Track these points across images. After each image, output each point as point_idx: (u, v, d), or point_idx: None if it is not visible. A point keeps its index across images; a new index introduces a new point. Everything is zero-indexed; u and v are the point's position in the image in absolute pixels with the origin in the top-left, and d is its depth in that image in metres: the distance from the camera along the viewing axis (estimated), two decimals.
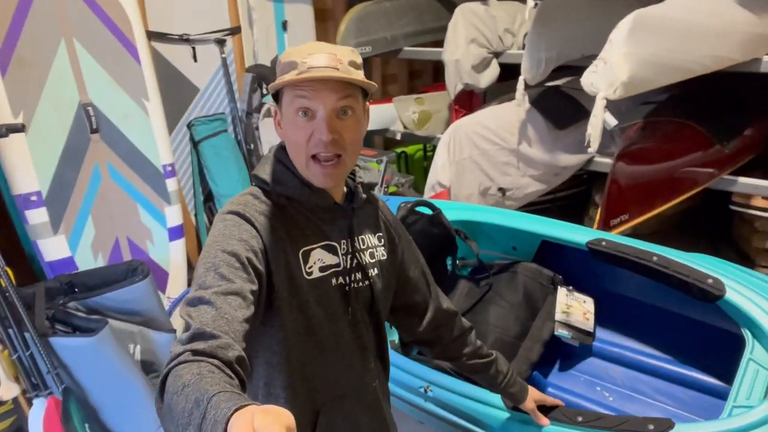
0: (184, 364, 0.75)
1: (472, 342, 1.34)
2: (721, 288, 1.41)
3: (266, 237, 0.99)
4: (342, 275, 1.09)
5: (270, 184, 1.05)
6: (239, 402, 0.64)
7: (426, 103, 4.29)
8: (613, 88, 2.30)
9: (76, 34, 2.64)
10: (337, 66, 0.97)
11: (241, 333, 0.85)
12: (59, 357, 2.20)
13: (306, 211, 1.06)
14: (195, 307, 0.86)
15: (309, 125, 0.99)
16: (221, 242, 0.95)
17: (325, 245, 1.07)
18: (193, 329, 0.81)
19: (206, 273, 0.91)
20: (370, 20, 4.13)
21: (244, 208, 1.01)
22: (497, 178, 3.38)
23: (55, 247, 2.60)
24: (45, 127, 2.54)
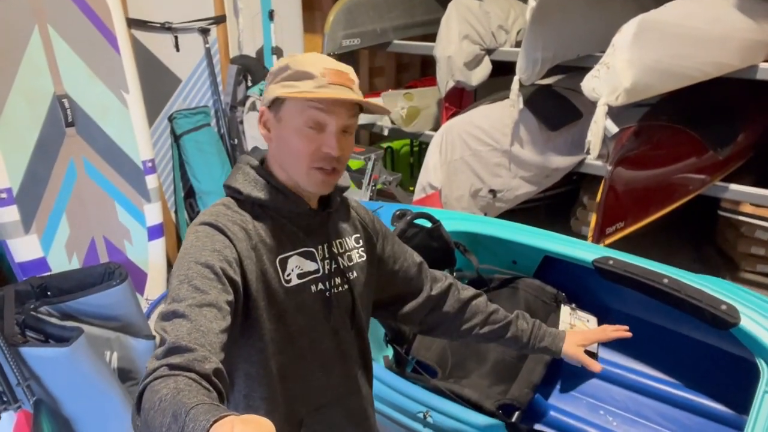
0: (161, 378, 0.74)
1: (481, 310, 1.28)
2: (736, 315, 1.36)
3: (240, 246, 0.98)
4: (321, 281, 1.08)
5: (242, 194, 1.03)
6: (218, 413, 0.63)
7: (415, 98, 4.20)
8: (616, 95, 2.24)
9: (51, 20, 2.47)
10: (351, 86, 0.99)
11: (217, 345, 0.84)
12: (30, 368, 2.07)
13: (281, 218, 1.05)
14: (169, 321, 0.84)
15: (317, 138, 0.98)
16: (194, 254, 0.93)
17: (303, 252, 1.06)
18: (169, 343, 0.80)
19: (180, 286, 0.89)
20: (360, 12, 4.01)
21: (216, 218, 0.99)
22: (488, 180, 3.31)
23: (26, 247, 2.46)
24: (16, 120, 2.38)
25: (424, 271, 1.28)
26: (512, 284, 1.82)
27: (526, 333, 1.27)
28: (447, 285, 1.28)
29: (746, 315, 1.36)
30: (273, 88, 1.00)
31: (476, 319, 1.27)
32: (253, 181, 1.04)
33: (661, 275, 1.50)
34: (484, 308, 1.28)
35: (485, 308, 1.28)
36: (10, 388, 2.01)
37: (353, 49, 4.06)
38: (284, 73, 0.99)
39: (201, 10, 3.27)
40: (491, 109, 3.34)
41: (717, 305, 1.39)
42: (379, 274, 1.20)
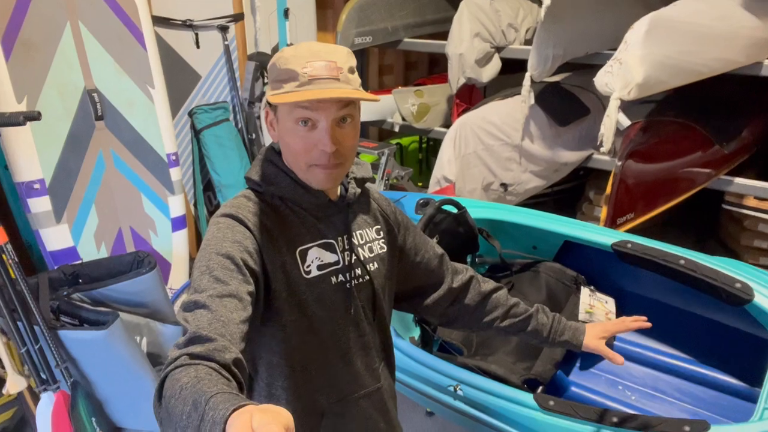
0: (182, 367, 0.75)
1: (502, 303, 1.28)
2: (750, 292, 1.45)
3: (260, 238, 0.99)
4: (342, 273, 1.08)
5: (262, 186, 1.05)
6: (237, 402, 0.64)
7: (425, 95, 4.28)
8: (628, 89, 2.32)
9: (82, 17, 2.56)
10: (338, 76, 0.95)
11: (238, 335, 0.85)
12: (68, 350, 2.15)
13: (301, 210, 1.05)
14: (191, 311, 0.86)
15: (310, 135, 0.97)
16: (215, 245, 0.94)
17: (322, 243, 1.06)
18: (190, 333, 0.81)
19: (201, 276, 0.91)
20: (372, 10, 4.09)
21: (237, 210, 1.00)
22: (500, 174, 3.40)
23: (57, 236, 2.54)
24: (49, 113, 2.46)
25: (446, 263, 1.28)
26: (534, 268, 1.91)
27: (546, 327, 1.28)
28: (468, 277, 1.28)
29: (759, 292, 1.45)
30: (267, 89, 1.02)
31: (497, 312, 1.28)
32: (274, 174, 1.05)
33: (678, 256, 1.59)
34: (505, 301, 1.29)
35: (506, 301, 1.29)
36: (49, 369, 2.10)
37: (365, 47, 4.14)
38: (273, 73, 0.99)
39: (220, 8, 3.36)
40: (503, 104, 3.43)
41: (732, 283, 1.48)
42: (401, 266, 1.21)
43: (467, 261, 2.01)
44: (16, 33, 2.35)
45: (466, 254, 1.98)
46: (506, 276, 1.96)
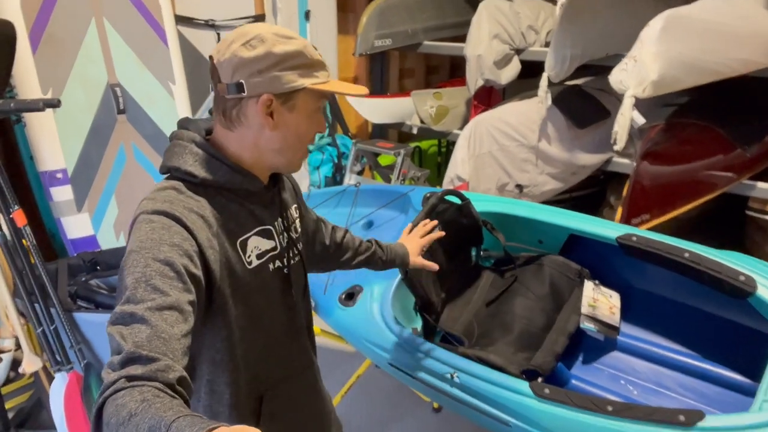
0: (123, 391, 0.68)
1: (351, 246, 1.40)
2: (753, 285, 1.42)
3: (200, 236, 0.91)
4: (279, 258, 1.08)
5: (197, 176, 0.96)
6: (205, 425, 0.60)
7: (444, 98, 4.29)
8: (642, 87, 2.30)
9: (107, 13, 2.65)
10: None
11: (180, 351, 0.78)
12: (82, 332, 2.22)
13: (237, 199, 1.01)
14: (127, 325, 0.77)
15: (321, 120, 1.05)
16: (150, 248, 0.85)
17: (261, 231, 1.04)
18: (126, 352, 0.73)
19: (137, 285, 0.81)
20: (392, 13, 4.13)
21: (171, 205, 0.91)
22: (515, 175, 3.38)
23: (78, 225, 2.63)
24: (73, 105, 2.56)
25: (324, 222, 1.35)
26: (538, 261, 1.90)
27: (382, 258, 1.43)
28: (330, 229, 1.37)
29: (763, 285, 1.42)
30: (291, 77, 0.94)
31: (349, 253, 1.40)
32: (206, 161, 0.97)
33: (682, 249, 1.57)
34: (353, 243, 1.40)
35: (353, 243, 1.40)
36: (64, 350, 2.16)
37: (385, 50, 4.18)
38: (298, 59, 0.95)
39: (242, 8, 3.44)
40: (520, 105, 3.42)
41: (735, 276, 1.45)
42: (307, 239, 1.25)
43: (471, 254, 2.01)
44: (44, 27, 2.45)
45: (470, 247, 1.98)
46: (510, 269, 1.95)
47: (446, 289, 1.88)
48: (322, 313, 1.96)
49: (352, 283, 1.93)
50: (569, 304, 1.77)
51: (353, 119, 4.46)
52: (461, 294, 1.95)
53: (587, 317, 1.69)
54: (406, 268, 1.48)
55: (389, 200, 2.20)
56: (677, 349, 1.73)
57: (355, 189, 2.31)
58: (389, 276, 1.88)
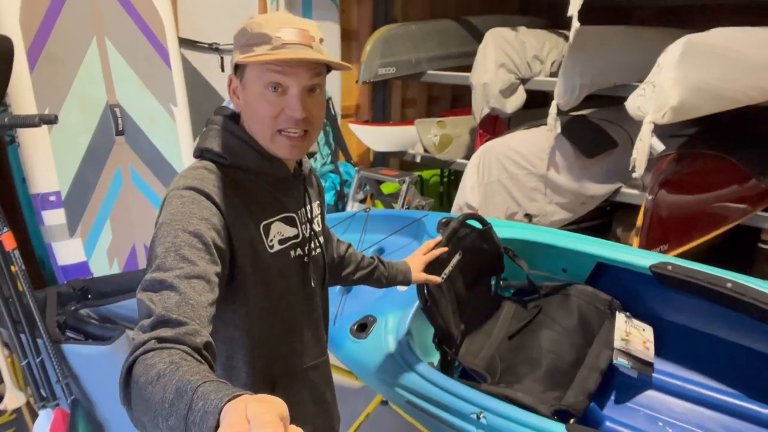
0: (152, 352, 0.72)
1: (354, 259, 1.39)
2: None
3: (228, 213, 0.95)
4: (300, 246, 1.10)
5: (227, 158, 1.00)
6: (230, 392, 0.61)
7: (448, 126, 4.24)
8: (662, 113, 2.24)
9: (109, 33, 2.58)
10: (311, 44, 0.96)
11: (206, 318, 0.82)
12: (70, 366, 2.06)
13: (264, 184, 1.04)
14: (156, 291, 0.80)
15: (279, 101, 0.97)
16: (181, 221, 0.89)
17: (284, 217, 1.07)
18: (157, 315, 0.76)
19: (166, 254, 0.85)
20: (396, 42, 4.12)
21: (202, 182, 0.95)
22: (524, 204, 3.30)
23: (69, 250, 2.49)
24: (70, 125, 2.46)
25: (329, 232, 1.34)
26: (564, 291, 1.79)
27: (384, 274, 1.41)
28: (335, 241, 1.36)
29: None
30: (234, 54, 0.99)
31: (351, 267, 1.39)
32: (238, 145, 1.01)
33: (724, 279, 1.47)
34: (356, 257, 1.40)
35: (356, 257, 1.40)
36: (50, 384, 2.00)
37: (388, 78, 4.14)
38: (243, 37, 0.97)
39: None
40: (529, 133, 3.36)
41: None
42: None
43: (491, 283, 1.89)
44: (43, 45, 2.36)
45: (491, 275, 1.87)
46: (534, 299, 1.83)
47: (465, 321, 1.75)
48: (332, 346, 1.82)
49: (364, 313, 1.80)
50: (600, 337, 1.65)
51: (355, 147, 4.39)
52: (481, 326, 1.82)
53: (620, 352, 1.56)
54: (408, 284, 1.46)
55: (402, 226, 2.09)
56: (717, 388, 1.61)
57: (365, 214, 2.20)
58: (404, 305, 1.76)
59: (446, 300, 1.64)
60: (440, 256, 1.57)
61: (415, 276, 1.45)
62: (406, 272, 1.44)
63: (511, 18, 4.52)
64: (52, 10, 2.40)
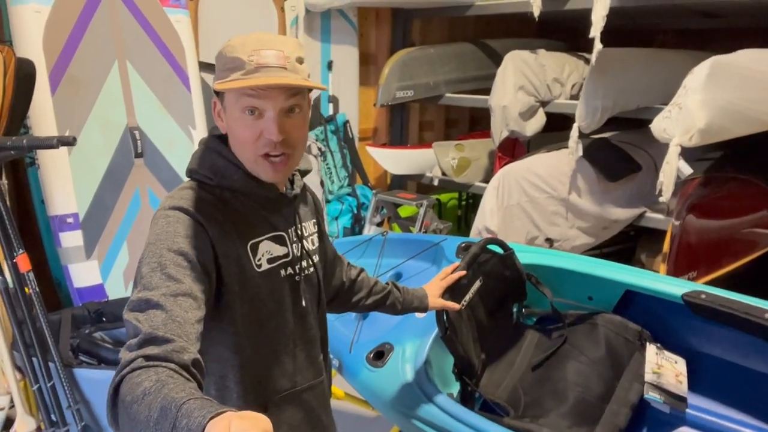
0: (139, 370, 0.72)
1: (366, 284, 1.36)
2: None
3: (213, 232, 0.96)
4: (290, 265, 1.09)
5: (213, 178, 1.01)
6: (213, 409, 0.62)
7: (466, 149, 4.20)
8: (689, 135, 2.17)
9: (130, 57, 2.60)
10: (285, 65, 0.95)
11: (194, 335, 0.82)
12: (82, 391, 2.03)
13: (251, 203, 1.04)
14: (143, 311, 0.81)
15: (257, 124, 0.96)
16: (165, 240, 0.90)
17: (273, 236, 1.06)
18: (144, 334, 0.77)
19: (152, 273, 0.86)
20: (414, 65, 4.12)
21: (187, 202, 0.96)
22: (545, 228, 3.23)
23: (86, 273, 2.48)
24: (90, 147, 2.47)
25: (337, 255, 1.33)
26: (590, 320, 1.71)
27: (399, 300, 1.38)
28: (345, 266, 1.35)
29: None
30: (213, 79, 1.00)
31: (362, 293, 1.35)
32: (224, 166, 1.02)
33: (762, 310, 1.39)
34: (368, 282, 1.37)
35: (368, 282, 1.37)
36: (60, 410, 1.97)
37: (406, 101, 4.13)
38: (220, 62, 0.98)
39: None
40: (549, 156, 3.31)
41: None
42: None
43: (513, 310, 1.82)
44: (65, 68, 2.39)
45: (512, 302, 1.80)
46: (558, 329, 1.76)
47: (486, 350, 1.68)
48: (347, 374, 1.77)
49: (381, 340, 1.75)
50: (629, 370, 1.57)
51: (372, 170, 4.37)
52: (503, 355, 1.75)
53: (651, 386, 1.48)
54: (425, 311, 1.42)
55: (420, 250, 2.04)
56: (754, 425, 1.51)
57: (383, 238, 2.16)
58: (423, 333, 1.70)
59: (467, 328, 1.58)
60: (460, 281, 1.51)
61: (432, 302, 1.42)
62: (422, 298, 1.41)
63: (529, 41, 4.50)
64: (74, 34, 2.43)
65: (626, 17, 4.44)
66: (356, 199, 3.95)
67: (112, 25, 2.54)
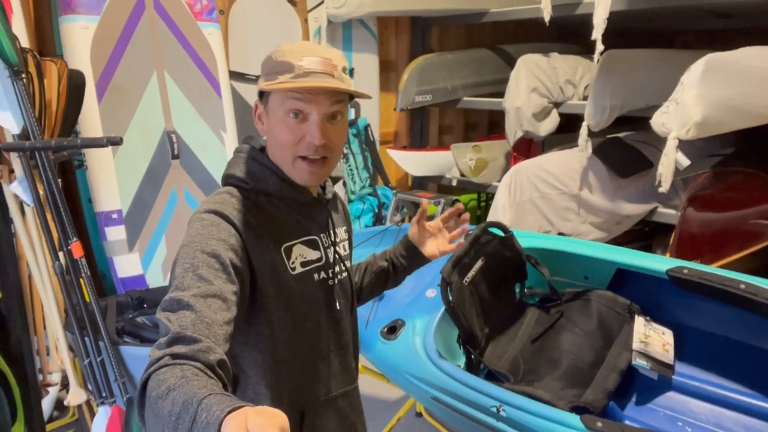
0: (166, 367, 0.73)
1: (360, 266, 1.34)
2: None
3: (247, 235, 0.97)
4: (324, 270, 1.09)
5: (249, 183, 1.04)
6: (232, 404, 0.62)
7: (483, 150, 4.35)
8: (686, 128, 2.30)
9: (168, 68, 2.85)
10: (332, 72, 0.98)
11: (222, 336, 0.83)
12: (127, 367, 2.25)
13: (286, 207, 1.05)
14: (174, 311, 0.83)
15: (300, 127, 0.98)
16: (199, 242, 0.92)
17: (306, 240, 1.07)
18: (173, 333, 0.79)
19: (185, 274, 0.88)
20: (432, 71, 4.29)
21: (222, 206, 0.98)
22: (557, 223, 3.35)
23: (128, 264, 2.72)
24: (131, 150, 2.72)
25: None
26: (584, 296, 1.85)
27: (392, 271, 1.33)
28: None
29: None
30: (260, 81, 1.01)
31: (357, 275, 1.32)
32: (260, 171, 1.04)
33: (738, 281, 1.51)
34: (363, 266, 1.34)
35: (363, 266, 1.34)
36: (108, 383, 2.19)
37: (425, 105, 4.30)
38: (268, 65, 1.00)
39: None
40: (560, 154, 3.44)
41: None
42: None
43: (515, 290, 1.98)
44: (110, 78, 2.64)
45: (514, 282, 1.95)
46: (556, 305, 1.91)
47: (490, 325, 1.84)
48: (364, 347, 1.95)
49: (394, 317, 1.92)
50: (619, 340, 1.71)
51: (394, 172, 4.55)
52: (505, 330, 1.91)
53: (639, 354, 1.62)
54: (423, 259, 1.32)
55: None
56: (737, 389, 1.63)
57: (397, 228, 2.33)
58: (431, 310, 1.87)
59: (470, 303, 1.74)
60: (462, 260, 1.68)
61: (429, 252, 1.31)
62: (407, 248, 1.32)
63: (544, 45, 4.64)
64: (118, 47, 2.69)
65: (643, 19, 4.54)
66: (377, 198, 4.14)
67: (151, 39, 2.79)
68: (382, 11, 3.96)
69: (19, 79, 1.91)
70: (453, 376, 1.62)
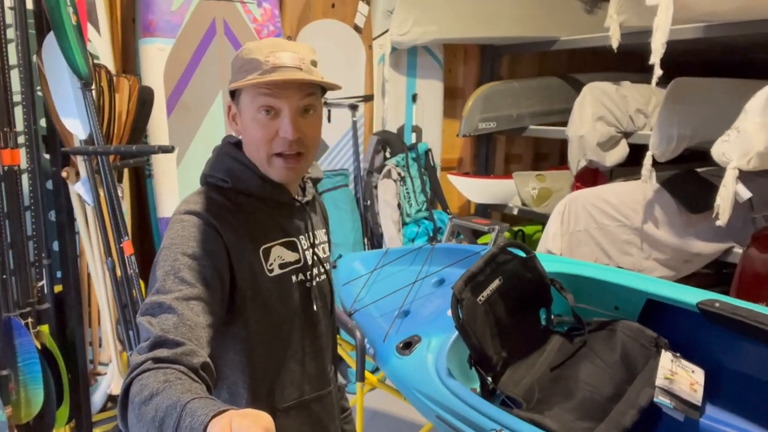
0: (148, 372, 0.73)
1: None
2: None
3: (227, 236, 0.96)
4: (302, 272, 1.08)
5: (228, 182, 1.03)
6: (216, 408, 0.62)
7: (547, 180, 4.24)
8: (747, 158, 2.13)
9: None
10: (301, 66, 0.98)
11: (204, 339, 0.83)
12: None
13: (265, 208, 1.05)
14: (155, 314, 0.83)
15: (272, 123, 0.98)
16: (180, 245, 0.92)
17: (285, 242, 1.06)
18: (154, 337, 0.78)
19: (165, 277, 0.87)
20: (498, 98, 4.26)
21: (202, 206, 0.98)
22: (616, 257, 3.18)
23: None
24: (194, 161, 2.91)
25: None
26: (610, 326, 1.74)
27: None
28: None
29: None
30: (230, 81, 1.02)
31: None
32: (240, 170, 1.03)
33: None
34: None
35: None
36: None
37: (489, 132, 4.27)
38: (237, 64, 1.00)
39: (353, 89, 3.76)
40: (621, 185, 3.29)
41: None
42: None
43: (540, 316, 1.90)
44: (179, 96, 2.87)
45: (538, 306, 1.88)
46: (580, 334, 1.81)
47: (508, 349, 1.78)
48: (380, 360, 1.94)
49: (412, 333, 1.90)
50: (643, 375, 1.58)
51: (456, 198, 4.53)
52: (526, 356, 1.83)
53: (662, 391, 1.50)
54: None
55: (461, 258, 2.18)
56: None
57: (430, 247, 2.33)
58: (450, 329, 1.83)
59: (483, 322, 1.69)
60: (477, 278, 1.64)
61: None
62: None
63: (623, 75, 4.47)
64: (189, 68, 2.92)
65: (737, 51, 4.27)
66: (433, 222, 4.13)
67: (219, 61, 3.00)
68: (446, 38, 4.02)
69: (88, 90, 2.12)
70: (458, 395, 1.58)
